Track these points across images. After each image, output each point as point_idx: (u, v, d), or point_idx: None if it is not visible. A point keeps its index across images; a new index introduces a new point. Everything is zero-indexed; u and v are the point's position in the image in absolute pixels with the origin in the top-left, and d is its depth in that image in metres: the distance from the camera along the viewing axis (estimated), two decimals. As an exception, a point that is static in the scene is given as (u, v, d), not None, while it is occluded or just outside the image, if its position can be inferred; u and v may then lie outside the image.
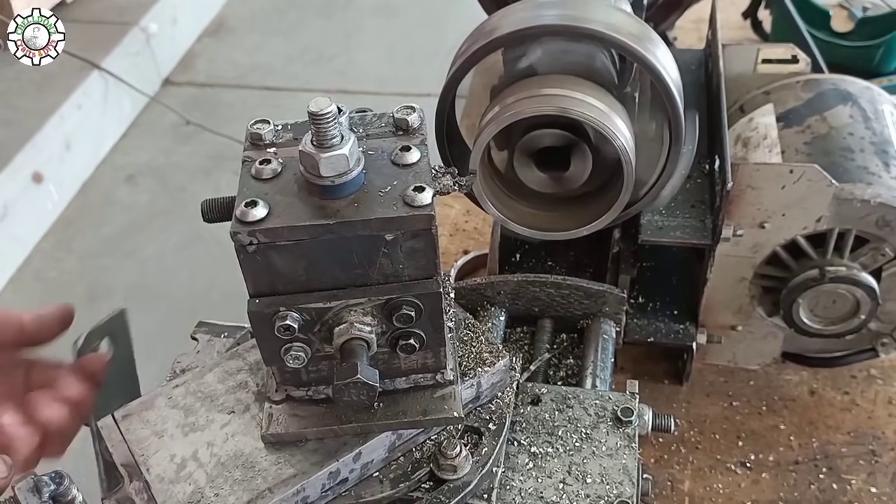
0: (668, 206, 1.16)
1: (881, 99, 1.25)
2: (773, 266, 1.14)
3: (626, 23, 0.89)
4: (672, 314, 1.23)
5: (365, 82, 3.26)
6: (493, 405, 0.84)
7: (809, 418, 1.24)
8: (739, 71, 1.34)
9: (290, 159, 0.69)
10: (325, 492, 0.75)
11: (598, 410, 0.89)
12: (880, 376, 1.29)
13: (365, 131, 0.73)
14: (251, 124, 0.72)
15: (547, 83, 0.89)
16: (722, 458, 1.20)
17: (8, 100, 2.92)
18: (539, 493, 0.82)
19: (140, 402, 0.81)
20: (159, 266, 2.54)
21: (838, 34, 1.77)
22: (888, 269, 1.12)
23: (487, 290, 1.06)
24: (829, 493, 1.15)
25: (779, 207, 1.07)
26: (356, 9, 3.71)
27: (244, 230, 0.64)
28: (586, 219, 0.95)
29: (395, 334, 0.70)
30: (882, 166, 1.11)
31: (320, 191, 0.65)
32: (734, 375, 1.30)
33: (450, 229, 1.60)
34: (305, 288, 0.68)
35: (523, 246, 1.31)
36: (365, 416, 0.75)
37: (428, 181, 0.66)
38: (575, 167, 0.93)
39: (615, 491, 0.82)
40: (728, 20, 1.93)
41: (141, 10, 3.34)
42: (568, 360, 1.05)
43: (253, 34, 3.65)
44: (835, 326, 1.15)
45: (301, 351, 0.70)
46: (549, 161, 0.94)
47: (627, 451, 0.85)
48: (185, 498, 0.72)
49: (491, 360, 0.81)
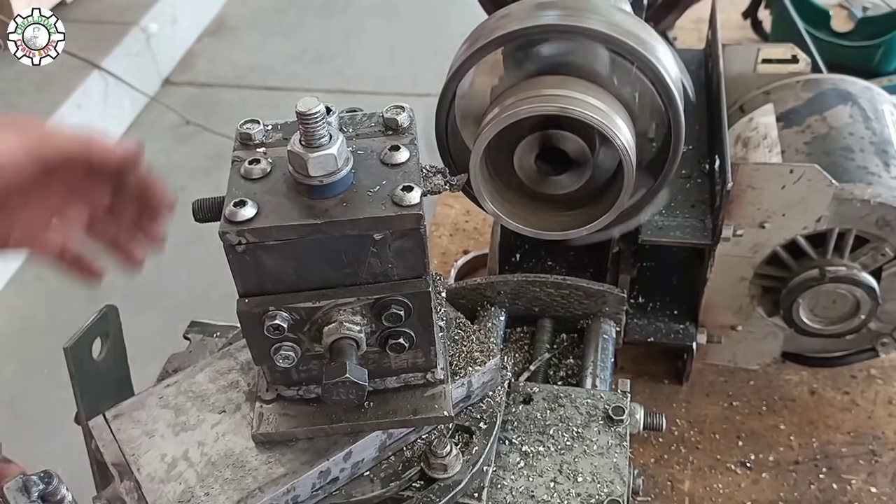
0: (668, 206, 1.15)
1: (881, 99, 1.25)
2: (773, 266, 1.14)
3: (626, 22, 0.89)
4: (672, 314, 1.23)
5: (365, 82, 3.25)
6: (484, 404, 0.84)
7: (809, 418, 1.24)
8: (739, 71, 1.33)
9: (280, 159, 0.69)
10: (315, 491, 0.75)
11: (589, 409, 0.89)
12: (880, 376, 1.29)
13: (354, 131, 0.73)
14: (241, 124, 0.72)
15: (547, 83, 0.88)
16: (722, 457, 1.20)
17: (8, 100, 2.92)
18: (530, 491, 0.82)
19: (131, 401, 0.81)
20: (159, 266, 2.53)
21: (838, 34, 1.76)
22: (888, 269, 1.11)
23: (487, 290, 1.06)
24: (829, 492, 1.15)
25: (779, 207, 1.06)
26: (356, 9, 3.71)
27: (233, 230, 0.64)
28: (586, 219, 0.95)
29: (384, 333, 0.70)
30: (882, 166, 1.11)
31: (309, 190, 0.65)
32: (734, 375, 1.30)
33: (450, 229, 1.60)
34: (295, 287, 0.68)
35: (523, 246, 1.30)
36: (355, 415, 0.74)
37: (417, 181, 0.66)
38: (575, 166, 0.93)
39: (606, 489, 0.82)
40: (728, 20, 1.93)
41: (141, 10, 3.34)
42: (568, 360, 1.05)
43: (253, 34, 3.64)
44: (835, 326, 1.15)
45: (291, 350, 0.69)
46: (549, 161, 0.94)
47: (618, 450, 0.85)
48: (175, 497, 0.72)
49: (482, 359, 0.81)
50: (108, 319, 0.89)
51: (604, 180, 0.96)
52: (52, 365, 0.69)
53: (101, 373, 0.88)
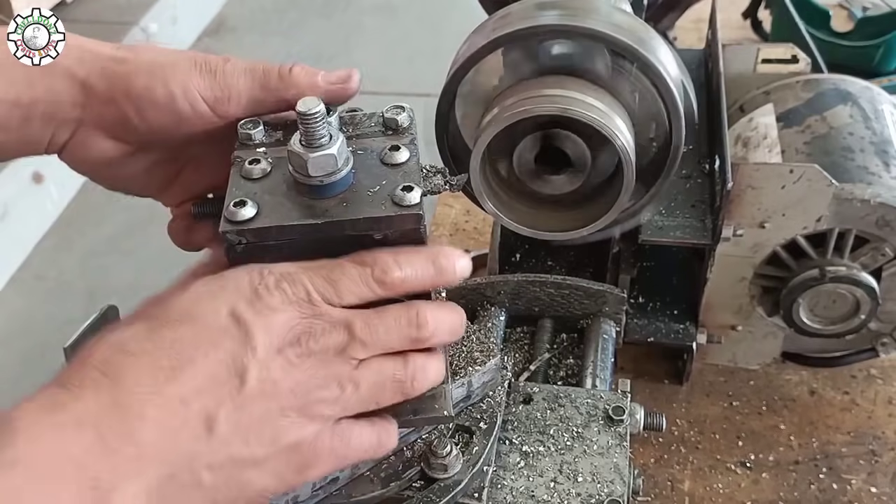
0: (668, 206, 1.15)
1: (881, 99, 1.25)
2: (774, 266, 1.14)
3: (626, 22, 0.89)
4: (672, 314, 1.23)
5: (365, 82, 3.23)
6: (484, 404, 0.84)
7: (809, 418, 1.24)
8: (739, 71, 1.34)
9: (280, 159, 0.69)
10: (315, 491, 0.75)
11: (589, 409, 0.89)
12: (880, 376, 1.29)
13: (354, 131, 0.73)
14: (241, 124, 0.72)
15: (547, 83, 0.88)
16: (722, 457, 1.20)
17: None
18: (530, 491, 0.82)
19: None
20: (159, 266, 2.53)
21: (838, 34, 1.76)
22: (888, 269, 1.11)
23: (487, 290, 1.06)
24: (829, 492, 1.15)
25: (779, 207, 1.06)
26: (356, 9, 3.71)
27: (233, 230, 0.64)
28: (586, 219, 0.95)
29: (385, 333, 0.70)
30: (882, 166, 1.11)
31: (309, 190, 0.65)
32: (734, 375, 1.30)
33: (450, 229, 1.59)
34: (295, 287, 0.67)
35: (523, 246, 1.30)
36: (356, 415, 0.74)
37: (417, 181, 0.66)
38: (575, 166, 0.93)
39: (606, 490, 0.82)
40: (728, 20, 1.93)
41: (141, 10, 3.33)
42: (568, 360, 1.05)
43: (253, 34, 3.64)
44: (835, 326, 1.15)
45: (291, 351, 0.69)
46: (549, 161, 0.94)
47: (619, 450, 0.85)
48: (175, 498, 0.72)
49: (482, 358, 0.81)
50: (108, 319, 0.89)
51: (603, 180, 0.96)
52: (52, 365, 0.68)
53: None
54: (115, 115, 0.71)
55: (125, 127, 0.72)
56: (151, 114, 0.71)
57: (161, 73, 0.70)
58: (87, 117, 0.72)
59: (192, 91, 0.70)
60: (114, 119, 0.71)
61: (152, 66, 0.70)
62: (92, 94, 0.70)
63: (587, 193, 0.97)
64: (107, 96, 0.70)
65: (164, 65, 0.70)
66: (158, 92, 0.70)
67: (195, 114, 0.71)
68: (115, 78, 0.70)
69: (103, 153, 0.74)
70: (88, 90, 0.70)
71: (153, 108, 0.70)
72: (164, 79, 0.70)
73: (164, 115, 0.71)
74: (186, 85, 0.70)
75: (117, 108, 0.71)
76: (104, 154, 0.74)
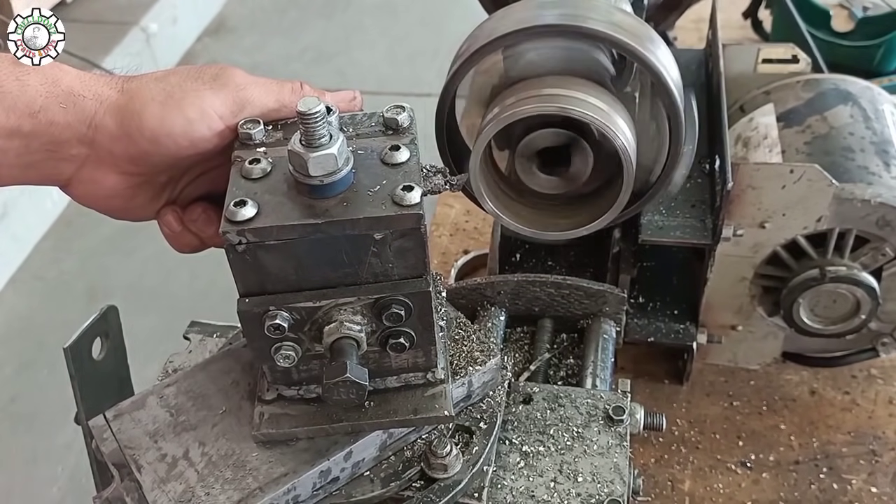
0: (668, 206, 1.15)
1: (881, 99, 1.25)
2: (774, 266, 1.14)
3: (626, 22, 0.89)
4: (672, 314, 1.23)
5: (365, 82, 3.25)
6: (484, 404, 0.84)
7: (810, 418, 1.24)
8: (740, 71, 1.33)
9: (280, 159, 0.69)
10: (315, 490, 0.75)
11: (589, 409, 0.89)
12: (881, 376, 1.29)
13: (355, 131, 0.72)
14: (241, 124, 0.72)
15: (547, 83, 0.88)
16: (722, 457, 1.20)
17: (9, 100, 2.92)
18: (530, 491, 0.82)
19: (131, 401, 0.81)
20: (159, 266, 2.54)
21: (838, 34, 1.76)
22: (888, 269, 1.11)
23: (487, 290, 1.06)
24: (829, 492, 1.15)
25: (779, 207, 1.06)
26: (356, 8, 3.71)
27: (233, 229, 0.64)
28: (586, 219, 0.95)
29: (384, 333, 0.70)
30: (882, 166, 1.11)
31: (309, 190, 0.65)
32: (734, 375, 1.30)
33: (450, 229, 1.59)
34: (295, 287, 0.67)
35: (523, 246, 1.30)
36: (355, 414, 0.74)
37: (417, 180, 0.66)
38: (576, 165, 0.93)
39: (606, 490, 0.82)
40: (728, 20, 1.93)
41: (141, 10, 3.34)
42: (568, 360, 1.05)
43: (253, 34, 3.65)
44: (835, 326, 1.15)
45: (291, 350, 0.69)
46: (550, 160, 0.94)
47: (619, 450, 0.85)
48: (175, 497, 0.72)
49: (482, 358, 0.81)
50: (108, 319, 0.89)
51: (603, 180, 0.96)
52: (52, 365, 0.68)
53: (101, 373, 0.88)
54: (126, 151, 0.71)
55: (137, 160, 0.72)
56: (167, 142, 0.70)
57: (173, 103, 0.70)
58: (94, 153, 0.71)
59: (209, 112, 0.71)
60: (124, 154, 0.71)
61: (162, 96, 0.70)
62: (101, 132, 0.70)
63: (587, 193, 0.97)
64: (119, 133, 0.70)
65: (172, 93, 0.70)
66: (176, 122, 0.70)
67: (211, 132, 0.71)
68: (125, 114, 0.70)
69: (112, 187, 0.74)
70: (96, 128, 0.70)
71: (169, 137, 0.70)
72: (180, 107, 0.70)
73: (180, 141, 0.70)
74: (203, 108, 0.70)
75: (130, 143, 0.70)
76: (113, 188, 0.74)
